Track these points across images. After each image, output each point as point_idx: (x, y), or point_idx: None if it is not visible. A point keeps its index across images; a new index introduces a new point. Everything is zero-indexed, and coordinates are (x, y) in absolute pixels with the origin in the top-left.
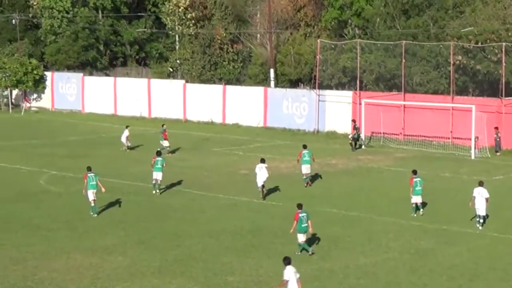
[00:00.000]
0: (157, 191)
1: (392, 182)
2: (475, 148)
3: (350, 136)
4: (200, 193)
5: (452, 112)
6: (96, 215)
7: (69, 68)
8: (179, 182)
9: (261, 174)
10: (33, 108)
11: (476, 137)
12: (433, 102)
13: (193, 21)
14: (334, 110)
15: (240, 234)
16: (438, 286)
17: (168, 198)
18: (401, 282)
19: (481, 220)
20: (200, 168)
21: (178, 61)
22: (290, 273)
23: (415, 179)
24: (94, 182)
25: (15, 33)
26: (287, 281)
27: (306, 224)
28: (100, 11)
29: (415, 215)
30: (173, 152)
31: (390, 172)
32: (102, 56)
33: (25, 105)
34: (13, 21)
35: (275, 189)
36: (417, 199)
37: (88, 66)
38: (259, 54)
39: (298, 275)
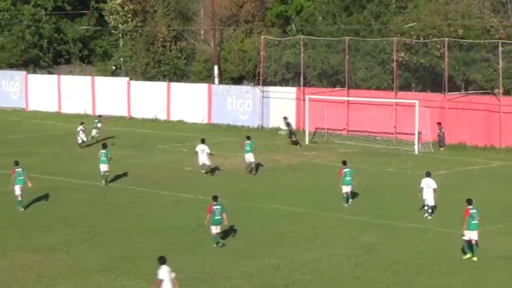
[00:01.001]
0: (104, 181)
1: (337, 178)
2: (418, 143)
3: (284, 133)
4: (146, 190)
5: (395, 107)
6: (23, 209)
7: (12, 66)
8: (124, 180)
9: (202, 157)
10: None
11: (419, 132)
12: (376, 97)
13: (130, 15)
14: (278, 106)
15: (186, 231)
16: (383, 281)
17: (113, 196)
18: (346, 277)
19: (430, 210)
20: (145, 165)
21: (121, 59)
22: (164, 273)
23: (344, 170)
24: (22, 177)
25: None
26: (161, 281)
27: (219, 217)
28: (43, 9)
29: (346, 205)
30: (89, 145)
31: (334, 168)
32: (45, 54)
33: None
34: None
35: (221, 185)
36: (347, 189)
37: (31, 64)
38: (203, 51)
39: (173, 275)
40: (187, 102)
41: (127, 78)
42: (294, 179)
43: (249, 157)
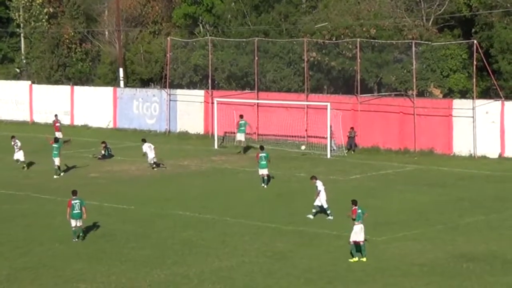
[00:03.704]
0: (60, 174)
1: (247, 183)
2: (330, 141)
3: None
4: (49, 197)
5: (307, 110)
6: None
7: None
8: (27, 187)
9: (151, 154)
10: None
11: (332, 132)
12: (287, 100)
13: (46, 17)
14: (186, 110)
15: (91, 239)
16: None
17: (15, 203)
18: (258, 286)
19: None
20: (48, 172)
21: (24, 61)
22: None
23: (260, 154)
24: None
25: None
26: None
27: (78, 211)
28: None
29: (265, 186)
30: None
31: (245, 173)
32: None
33: None
34: None
35: (127, 192)
36: (263, 172)
37: None
38: (108, 53)
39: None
40: (91, 106)
41: (29, 82)
42: (203, 185)
43: (263, 171)
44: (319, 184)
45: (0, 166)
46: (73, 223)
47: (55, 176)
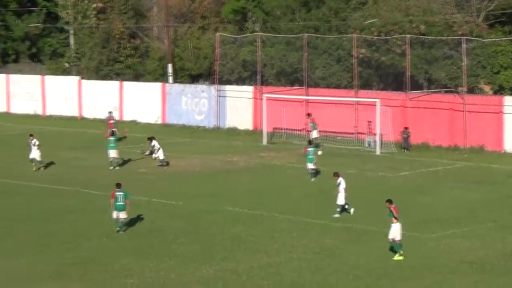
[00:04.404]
0: (115, 167)
1: (296, 180)
2: (370, 134)
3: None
4: (98, 193)
5: (356, 106)
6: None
7: None
8: (76, 182)
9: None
10: None
11: (369, 122)
12: (336, 96)
13: (94, 12)
14: (235, 106)
15: (139, 234)
16: (344, 285)
17: (65, 199)
18: (306, 282)
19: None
20: (97, 167)
21: (74, 56)
22: None
23: (308, 149)
24: (122, 203)
25: None
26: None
27: (122, 203)
28: None
29: (313, 180)
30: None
31: (293, 170)
32: None
33: None
34: None
35: (175, 187)
36: (311, 166)
37: None
38: (157, 48)
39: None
40: (140, 101)
41: (78, 77)
42: (252, 181)
43: (311, 165)
44: (342, 181)
45: (49, 161)
46: (115, 214)
47: (110, 168)
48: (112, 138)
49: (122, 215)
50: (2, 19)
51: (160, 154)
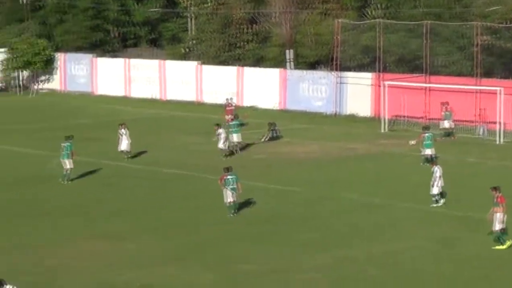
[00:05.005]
0: (238, 150)
1: (415, 167)
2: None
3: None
4: (215, 178)
5: (477, 95)
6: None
7: (79, 49)
8: (194, 167)
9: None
10: (42, 90)
11: (482, 109)
12: (457, 84)
13: None
14: (354, 93)
15: (257, 221)
16: (463, 275)
17: (183, 184)
18: (425, 271)
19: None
20: (215, 152)
21: (193, 42)
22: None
23: (425, 134)
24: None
25: (23, 13)
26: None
27: (234, 186)
28: None
29: (427, 164)
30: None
31: (413, 157)
32: (112, 37)
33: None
34: (20, 0)
35: (293, 174)
36: (428, 151)
37: (98, 47)
38: (277, 34)
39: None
40: (259, 87)
41: (197, 62)
42: (371, 168)
43: (428, 151)
44: (439, 170)
45: (168, 146)
46: (231, 197)
47: (234, 152)
48: (235, 122)
49: (233, 199)
50: (123, 4)
51: (220, 143)
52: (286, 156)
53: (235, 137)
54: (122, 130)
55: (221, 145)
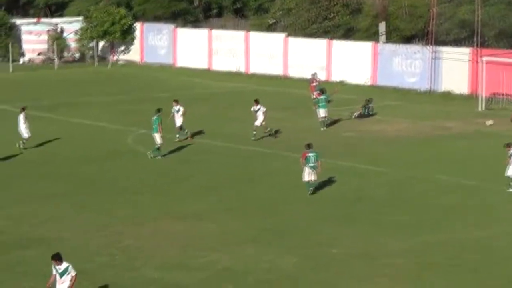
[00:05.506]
0: (324, 127)
1: None
2: None
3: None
4: (298, 156)
5: None
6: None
7: (159, 19)
8: (277, 145)
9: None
10: (120, 62)
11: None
12: None
13: None
14: (450, 68)
15: (342, 202)
16: None
17: (263, 162)
18: None
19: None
20: (300, 129)
21: (280, 12)
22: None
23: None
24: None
25: None
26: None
27: (314, 164)
28: None
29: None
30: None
31: (510, 137)
32: (194, 7)
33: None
34: None
35: (382, 153)
36: None
37: (179, 16)
38: (370, 5)
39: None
40: (349, 61)
41: (284, 34)
42: (466, 148)
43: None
44: None
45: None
46: (307, 176)
47: (322, 129)
48: (323, 97)
49: (314, 177)
50: None
51: (257, 121)
52: (376, 134)
53: (322, 112)
54: (175, 107)
55: (257, 122)
